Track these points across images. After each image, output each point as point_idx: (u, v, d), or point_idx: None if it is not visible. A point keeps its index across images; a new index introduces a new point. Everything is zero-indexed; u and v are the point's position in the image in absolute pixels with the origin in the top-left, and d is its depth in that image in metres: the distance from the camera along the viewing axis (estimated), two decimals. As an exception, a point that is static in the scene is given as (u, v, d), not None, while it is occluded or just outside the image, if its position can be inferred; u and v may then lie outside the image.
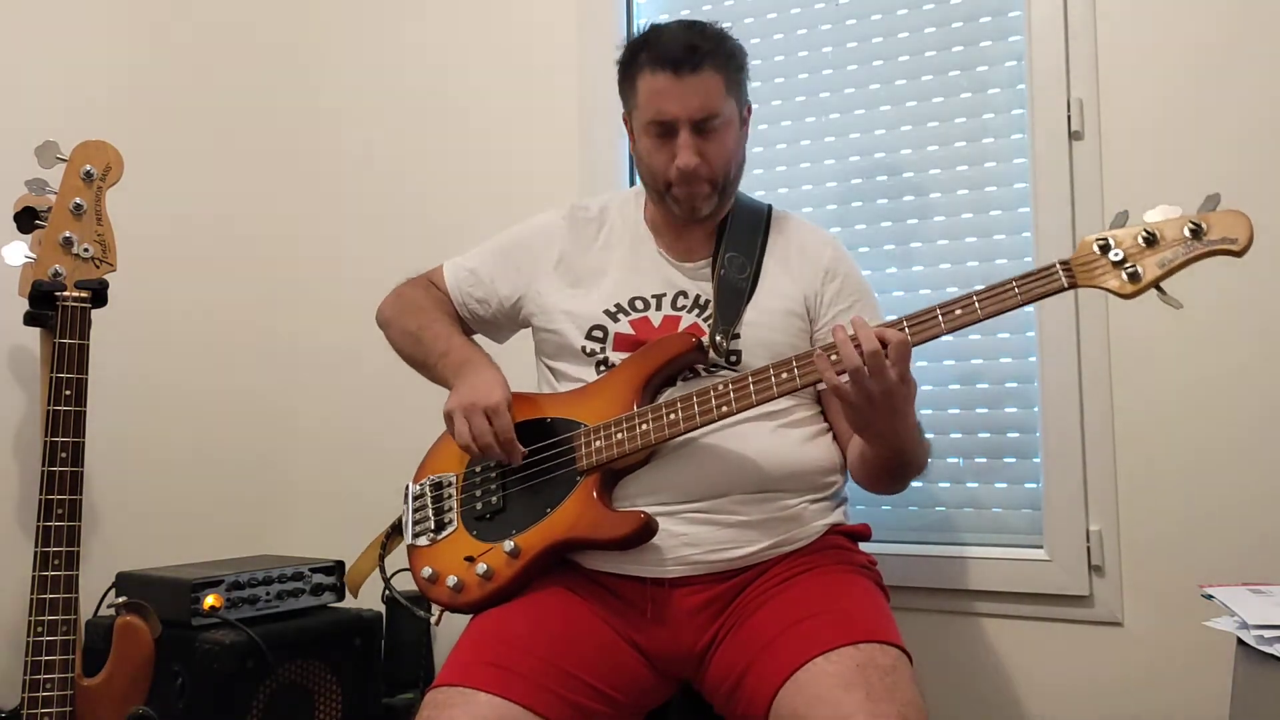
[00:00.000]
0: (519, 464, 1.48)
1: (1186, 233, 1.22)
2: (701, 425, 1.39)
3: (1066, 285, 1.26)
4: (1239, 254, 1.20)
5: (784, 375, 1.36)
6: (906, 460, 1.41)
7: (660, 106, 1.48)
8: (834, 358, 1.29)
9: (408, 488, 1.58)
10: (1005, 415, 1.85)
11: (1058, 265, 1.27)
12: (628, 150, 2.17)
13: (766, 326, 1.51)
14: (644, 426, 1.42)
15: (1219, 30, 1.69)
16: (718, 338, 1.49)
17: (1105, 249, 1.25)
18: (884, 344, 1.26)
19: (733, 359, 1.50)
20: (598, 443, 1.44)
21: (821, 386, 1.51)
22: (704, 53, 1.47)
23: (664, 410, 1.41)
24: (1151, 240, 1.23)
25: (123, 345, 2.06)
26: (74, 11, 2.14)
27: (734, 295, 1.53)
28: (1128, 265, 1.24)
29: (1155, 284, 1.23)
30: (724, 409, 1.38)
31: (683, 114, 1.47)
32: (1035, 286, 1.27)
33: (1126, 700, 1.71)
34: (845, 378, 1.28)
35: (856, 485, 1.55)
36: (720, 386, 1.39)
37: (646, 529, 1.38)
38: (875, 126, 1.97)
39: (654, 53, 1.49)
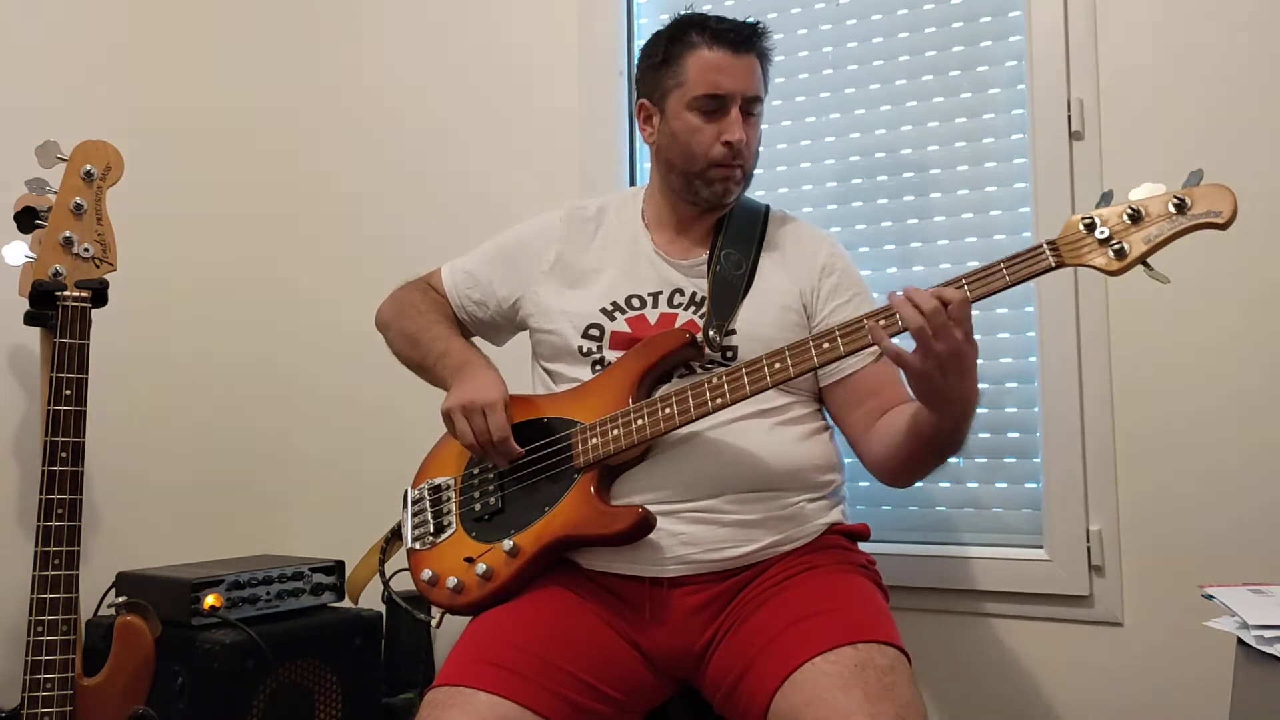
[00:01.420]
0: (516, 463, 1.48)
1: (1171, 208, 1.22)
2: (696, 418, 1.39)
3: (1054, 264, 1.27)
4: (1223, 227, 1.20)
5: (777, 365, 1.35)
6: (965, 429, 1.36)
7: (717, 80, 1.51)
8: (883, 321, 1.28)
9: (406, 493, 1.58)
10: (1005, 415, 1.85)
11: (1044, 245, 1.27)
12: (627, 151, 2.18)
13: (762, 323, 1.51)
14: (639, 422, 1.42)
15: (1219, 29, 1.69)
16: (711, 333, 1.49)
17: (1091, 227, 1.26)
18: (944, 303, 1.24)
19: (728, 355, 1.50)
20: (594, 440, 1.44)
21: (837, 375, 1.50)
22: (758, 36, 1.54)
23: (659, 405, 1.41)
24: (1136, 217, 1.23)
25: (123, 345, 2.06)
26: (74, 11, 2.14)
27: (729, 291, 1.53)
28: (1114, 242, 1.24)
29: (1141, 260, 1.23)
30: (718, 401, 1.38)
31: (737, 89, 1.51)
32: (1023, 267, 1.27)
33: (1126, 700, 1.71)
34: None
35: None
36: (714, 380, 1.39)
37: (644, 523, 1.38)
38: (875, 126, 1.97)
39: (711, 30, 1.52)
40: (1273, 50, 1.65)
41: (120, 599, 1.64)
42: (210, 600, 1.82)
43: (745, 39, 1.52)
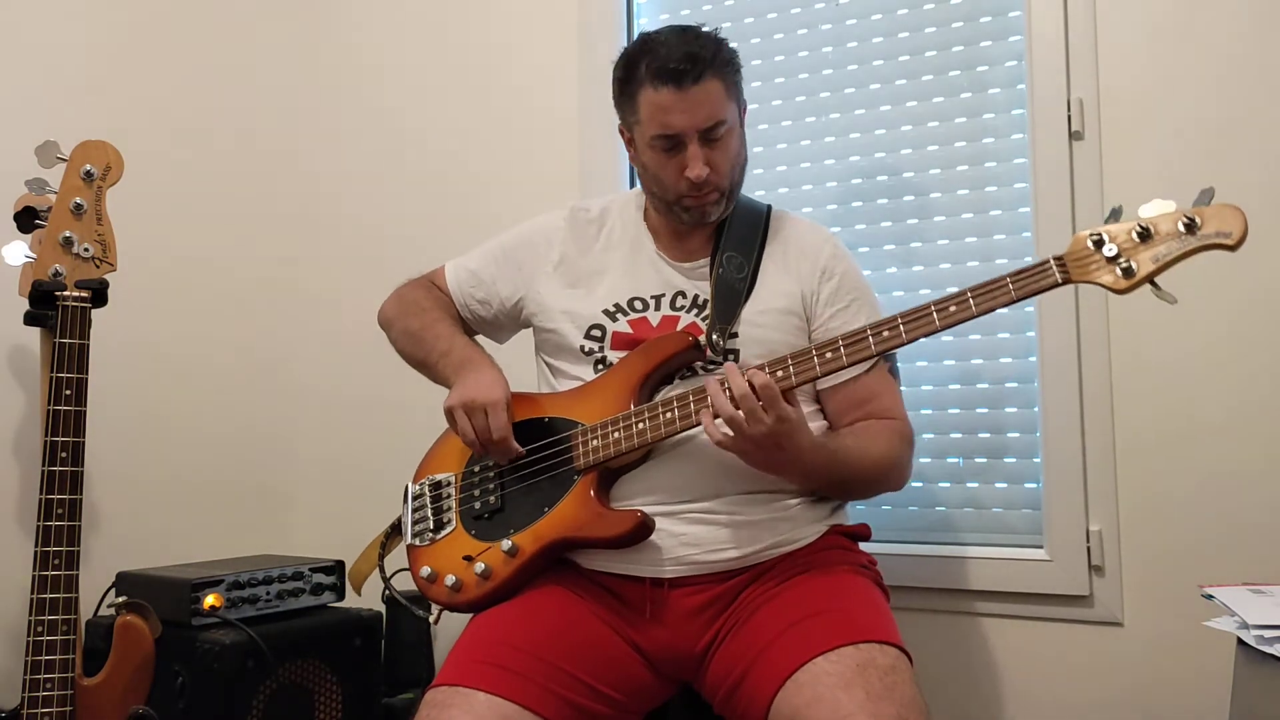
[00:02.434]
0: (516, 462, 1.48)
1: (1180, 227, 1.21)
2: (697, 423, 1.39)
3: (1061, 281, 1.26)
4: (1233, 248, 1.19)
5: (779, 374, 1.35)
6: (828, 485, 1.46)
7: (666, 121, 1.46)
8: (707, 405, 1.34)
9: (407, 488, 1.58)
10: (1005, 415, 1.85)
11: (1052, 261, 1.27)
12: (627, 153, 2.18)
13: (764, 325, 1.51)
14: (640, 425, 1.42)
15: (1219, 29, 1.69)
16: (714, 336, 1.49)
17: (1099, 244, 1.25)
18: (753, 386, 1.30)
19: (730, 358, 1.50)
20: (595, 442, 1.44)
21: (833, 381, 1.51)
22: (704, 61, 1.44)
23: (660, 409, 1.41)
24: (1145, 235, 1.23)
25: (123, 345, 2.06)
26: (74, 11, 2.14)
27: (731, 294, 1.53)
28: (1122, 260, 1.24)
29: (1149, 279, 1.23)
30: None
31: (689, 126, 1.46)
32: (1029, 282, 1.27)
33: (1126, 700, 1.71)
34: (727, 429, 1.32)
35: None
36: None
37: (642, 528, 1.38)
38: (875, 126, 1.97)
39: (653, 66, 1.45)
40: (1272, 50, 1.65)
41: (120, 599, 1.64)
42: (210, 600, 1.82)
43: (687, 71, 1.43)
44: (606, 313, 1.55)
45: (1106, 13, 1.76)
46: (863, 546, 1.56)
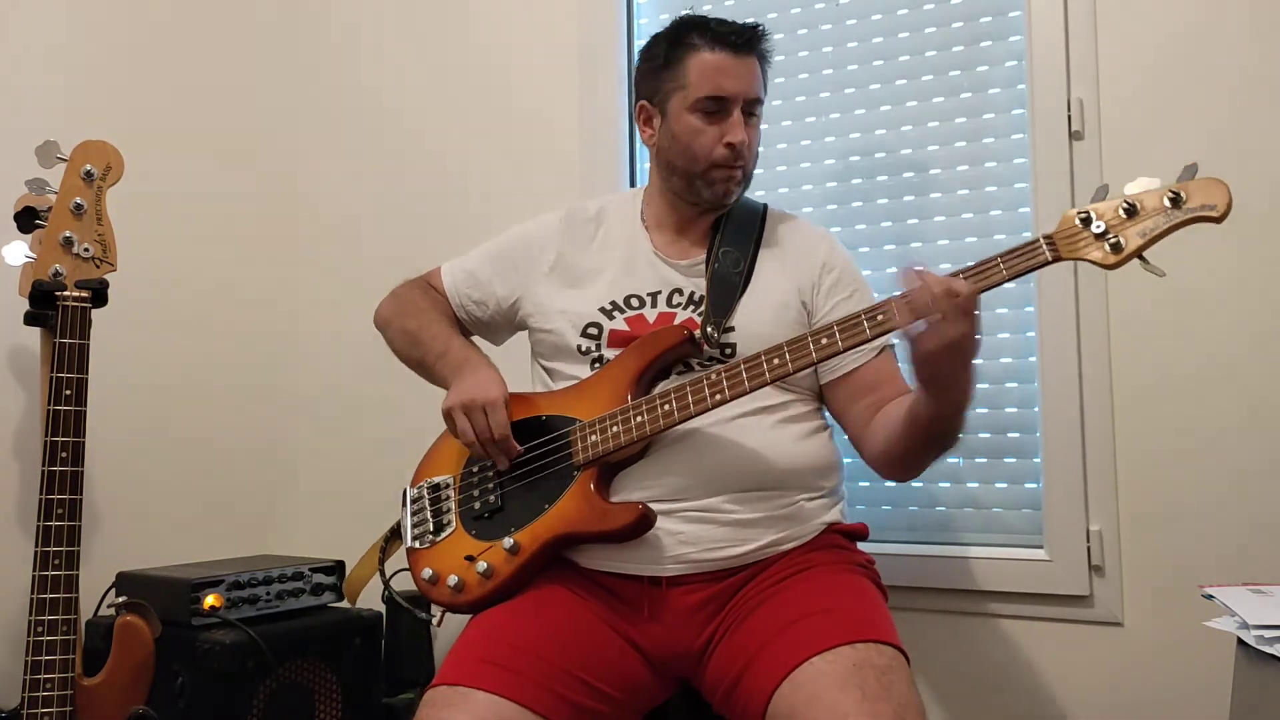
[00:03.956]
0: (515, 461, 1.48)
1: (1166, 202, 1.23)
2: (696, 414, 1.39)
3: (1050, 259, 1.27)
4: (1218, 220, 1.21)
5: (775, 361, 1.36)
6: (962, 419, 1.37)
7: (719, 82, 1.52)
8: (906, 301, 1.28)
9: (405, 492, 1.58)
10: (1005, 415, 1.85)
11: (1041, 239, 1.28)
12: (627, 151, 2.18)
13: (761, 320, 1.52)
14: (639, 419, 1.42)
15: (1219, 30, 1.69)
16: (709, 329, 1.49)
17: (1087, 222, 1.26)
18: (955, 293, 1.25)
19: (727, 352, 1.50)
20: (593, 437, 1.44)
21: (838, 372, 1.51)
22: (758, 39, 1.55)
23: (658, 402, 1.41)
24: (1132, 211, 1.24)
25: (123, 345, 2.06)
26: (75, 12, 2.14)
27: (727, 289, 1.53)
28: (1110, 236, 1.25)
29: (1137, 254, 1.24)
30: (717, 397, 1.38)
31: (739, 91, 1.52)
32: (1020, 261, 1.28)
33: (1126, 700, 1.71)
34: (920, 324, 1.26)
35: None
36: (713, 376, 1.39)
37: (644, 519, 1.39)
38: (875, 126, 1.97)
39: (712, 32, 1.53)
40: (1273, 50, 1.65)
41: (120, 599, 1.64)
42: (210, 600, 1.82)
43: (746, 41, 1.53)
44: (603, 310, 1.55)
45: (1107, 13, 1.76)
46: (862, 546, 1.56)
